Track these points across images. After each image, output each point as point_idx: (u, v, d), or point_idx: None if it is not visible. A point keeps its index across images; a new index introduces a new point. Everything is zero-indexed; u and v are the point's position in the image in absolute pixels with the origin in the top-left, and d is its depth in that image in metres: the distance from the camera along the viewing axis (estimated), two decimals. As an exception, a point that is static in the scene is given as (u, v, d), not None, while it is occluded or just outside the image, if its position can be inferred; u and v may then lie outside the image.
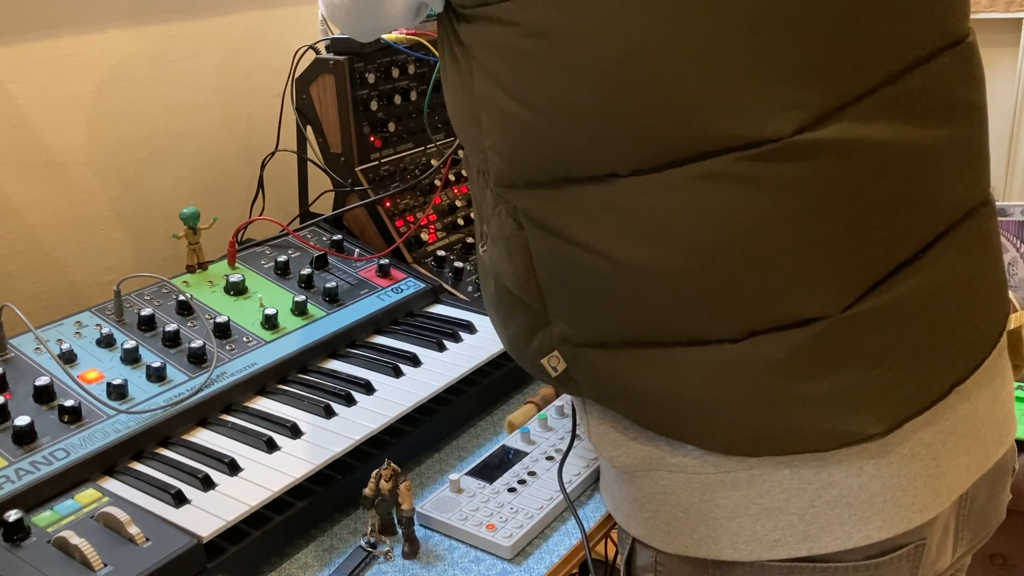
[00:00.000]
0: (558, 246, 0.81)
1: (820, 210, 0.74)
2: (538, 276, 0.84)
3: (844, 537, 0.81)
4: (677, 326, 0.79)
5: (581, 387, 0.88)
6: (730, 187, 0.73)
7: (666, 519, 0.87)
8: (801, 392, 0.77)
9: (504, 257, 0.87)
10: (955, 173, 0.80)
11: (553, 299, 0.85)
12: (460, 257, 1.49)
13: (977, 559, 1.72)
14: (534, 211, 0.82)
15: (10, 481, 0.93)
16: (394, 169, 1.52)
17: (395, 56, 1.50)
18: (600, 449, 0.91)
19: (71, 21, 1.39)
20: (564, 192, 0.79)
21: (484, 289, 0.95)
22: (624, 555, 0.95)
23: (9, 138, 1.34)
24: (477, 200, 0.92)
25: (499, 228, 0.86)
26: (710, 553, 0.85)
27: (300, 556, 0.98)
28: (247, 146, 1.64)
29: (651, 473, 0.87)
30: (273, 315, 1.22)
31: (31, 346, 1.11)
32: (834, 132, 0.73)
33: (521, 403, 1.24)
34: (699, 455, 0.83)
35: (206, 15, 1.57)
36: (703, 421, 0.81)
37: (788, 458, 0.80)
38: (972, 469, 0.87)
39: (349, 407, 1.12)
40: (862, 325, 0.76)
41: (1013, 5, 2.87)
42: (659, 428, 0.85)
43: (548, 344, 0.87)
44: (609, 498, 0.97)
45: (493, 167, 0.83)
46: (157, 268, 1.50)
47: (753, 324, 0.76)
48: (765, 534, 0.82)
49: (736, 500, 0.82)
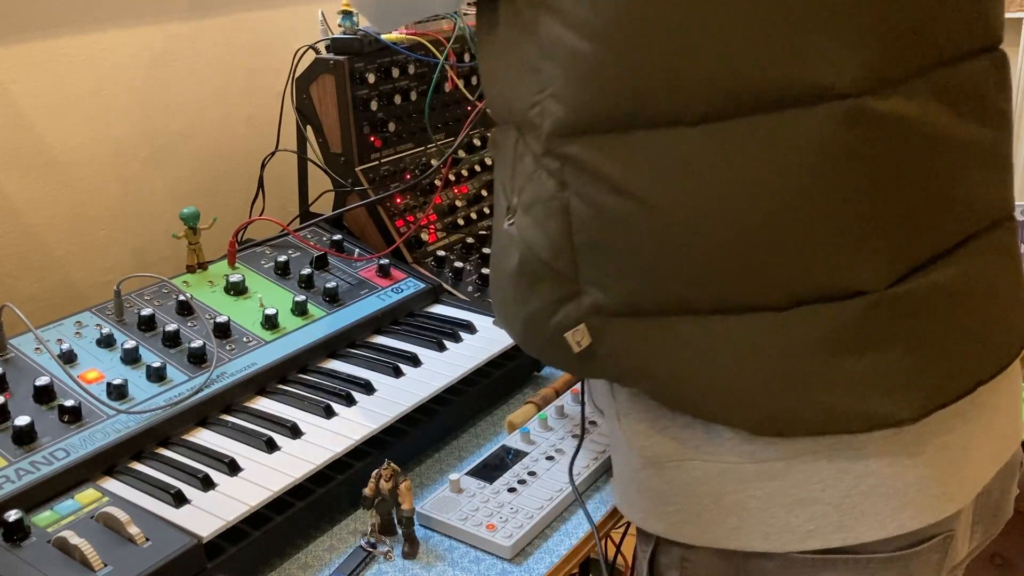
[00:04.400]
0: (607, 200, 0.79)
1: (878, 183, 0.75)
2: (574, 240, 0.82)
3: (878, 527, 0.81)
4: (723, 289, 0.78)
5: (604, 365, 0.86)
6: (796, 146, 0.74)
7: (695, 511, 0.86)
8: (841, 369, 0.77)
9: (538, 224, 0.85)
10: (987, 177, 0.82)
11: (588, 265, 0.83)
12: (460, 257, 1.49)
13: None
14: (589, 160, 0.80)
15: (10, 481, 0.93)
16: (394, 169, 1.52)
17: (395, 56, 1.50)
18: (630, 438, 0.89)
19: (71, 21, 1.39)
20: (625, 139, 0.78)
21: (501, 267, 0.92)
22: (646, 557, 0.94)
23: (9, 138, 1.34)
24: (506, 174, 0.90)
25: (536, 194, 0.84)
26: (740, 544, 0.84)
27: (300, 556, 0.98)
28: (247, 146, 1.64)
29: (683, 463, 0.86)
30: (273, 315, 1.22)
31: (31, 346, 1.11)
32: (894, 105, 0.74)
33: (521, 403, 1.24)
34: (736, 444, 0.82)
35: (206, 15, 1.57)
36: (737, 397, 0.80)
37: (826, 448, 0.80)
38: (994, 461, 0.88)
39: (349, 407, 1.12)
40: (902, 307, 0.77)
41: (1013, 5, 2.87)
42: (686, 406, 0.83)
43: (574, 317, 0.85)
44: (624, 495, 0.95)
45: (549, 118, 0.81)
46: (157, 268, 1.50)
47: (800, 292, 0.76)
48: (799, 525, 0.82)
49: (770, 490, 0.82)
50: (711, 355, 0.80)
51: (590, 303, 0.84)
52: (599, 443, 1.13)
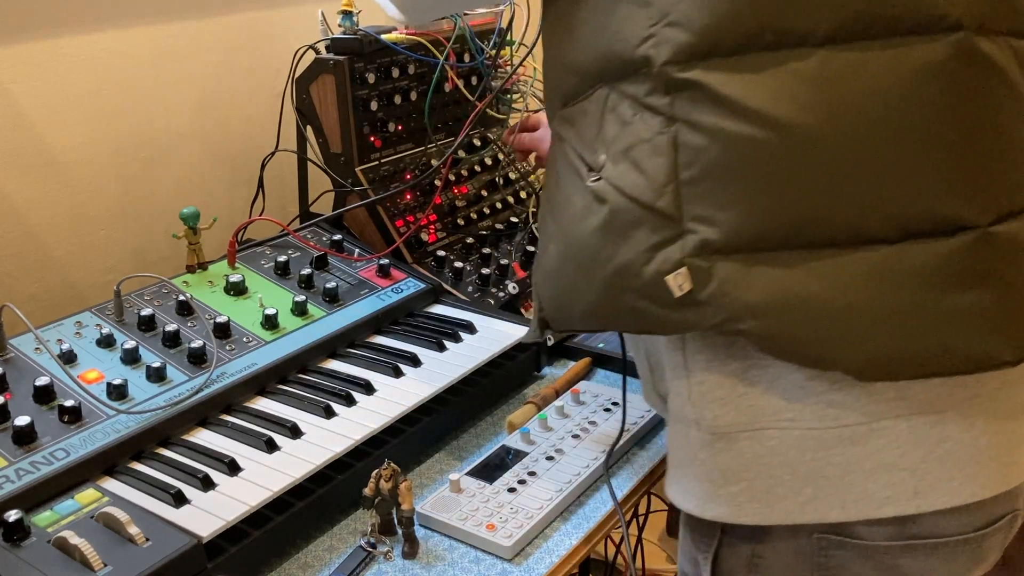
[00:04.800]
0: (727, 125, 0.79)
1: (981, 121, 0.77)
2: (680, 176, 0.82)
3: (952, 494, 0.82)
4: (839, 218, 0.78)
5: (704, 312, 0.83)
6: (913, 73, 0.76)
7: (766, 485, 0.85)
8: (947, 304, 0.78)
9: (637, 167, 0.84)
10: None
11: (696, 200, 0.82)
12: (460, 257, 1.49)
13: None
14: (710, 84, 0.79)
15: (10, 481, 0.93)
16: (394, 169, 1.52)
17: (395, 56, 1.50)
18: (702, 408, 0.87)
19: (71, 21, 1.39)
20: (746, 61, 0.79)
21: (574, 235, 0.90)
22: (708, 561, 0.92)
23: (9, 138, 1.34)
24: (588, 135, 0.89)
25: (635, 137, 0.84)
26: (815, 516, 0.84)
27: (300, 556, 0.98)
28: (247, 146, 1.64)
29: (757, 433, 0.85)
30: (273, 315, 1.22)
31: (31, 346, 1.11)
32: (992, 49, 0.77)
33: (521, 403, 1.24)
34: (821, 408, 0.82)
35: (206, 15, 1.57)
36: (848, 334, 0.79)
37: (906, 410, 0.81)
38: None
39: (349, 407, 1.12)
40: (1000, 247, 0.79)
41: None
42: (791, 349, 0.81)
43: (675, 259, 0.82)
44: (679, 484, 0.92)
45: (667, 45, 0.81)
46: (157, 268, 1.50)
47: (911, 224, 0.78)
48: (876, 491, 0.82)
49: (851, 456, 0.82)
50: (822, 291, 0.79)
51: (696, 242, 0.82)
52: (599, 443, 1.13)
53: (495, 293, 1.43)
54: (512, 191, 1.66)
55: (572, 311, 0.92)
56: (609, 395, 1.23)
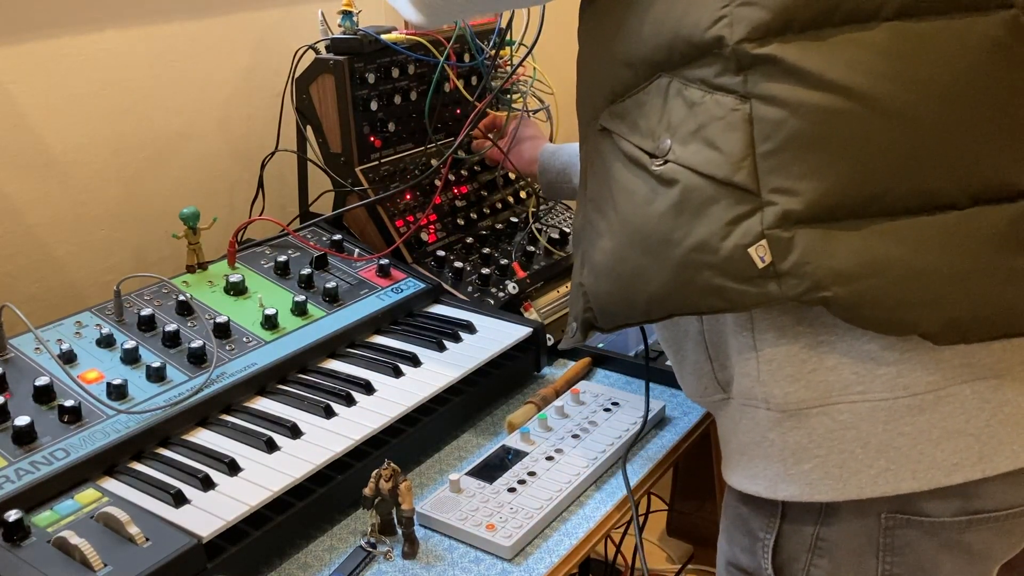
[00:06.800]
0: (806, 97, 0.81)
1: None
2: (757, 149, 0.83)
3: (1013, 457, 0.83)
4: (914, 183, 0.81)
5: (786, 283, 0.83)
6: (975, 47, 0.80)
7: (838, 461, 0.85)
8: (1016, 265, 0.81)
9: (710, 145, 0.85)
10: None
11: (775, 172, 0.83)
12: (460, 257, 1.49)
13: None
14: (787, 58, 0.82)
15: (10, 481, 0.93)
16: (394, 169, 1.52)
17: (395, 56, 1.50)
18: (772, 386, 0.88)
19: (71, 21, 1.39)
20: (820, 35, 0.82)
21: (647, 212, 0.89)
22: (768, 545, 0.93)
23: (9, 138, 1.34)
24: (649, 123, 0.90)
25: (706, 117, 0.85)
26: (888, 488, 0.84)
27: (300, 556, 0.98)
28: (247, 146, 1.64)
29: (829, 408, 0.85)
30: (273, 315, 1.22)
31: (31, 346, 1.11)
32: None
33: (521, 403, 1.24)
34: (891, 378, 0.84)
35: (206, 15, 1.57)
36: (926, 298, 0.81)
37: (970, 376, 0.83)
38: None
39: (349, 407, 1.12)
40: None
41: None
42: (872, 315, 0.82)
43: (755, 232, 0.83)
44: (745, 468, 0.92)
45: (742, 24, 0.83)
46: (157, 268, 1.50)
47: (979, 190, 0.81)
48: (944, 459, 0.83)
49: (920, 425, 0.83)
50: (903, 255, 0.81)
51: (776, 213, 0.83)
52: (600, 443, 1.13)
53: (495, 293, 1.43)
54: (512, 191, 1.66)
55: (635, 301, 0.92)
56: (609, 395, 1.23)
